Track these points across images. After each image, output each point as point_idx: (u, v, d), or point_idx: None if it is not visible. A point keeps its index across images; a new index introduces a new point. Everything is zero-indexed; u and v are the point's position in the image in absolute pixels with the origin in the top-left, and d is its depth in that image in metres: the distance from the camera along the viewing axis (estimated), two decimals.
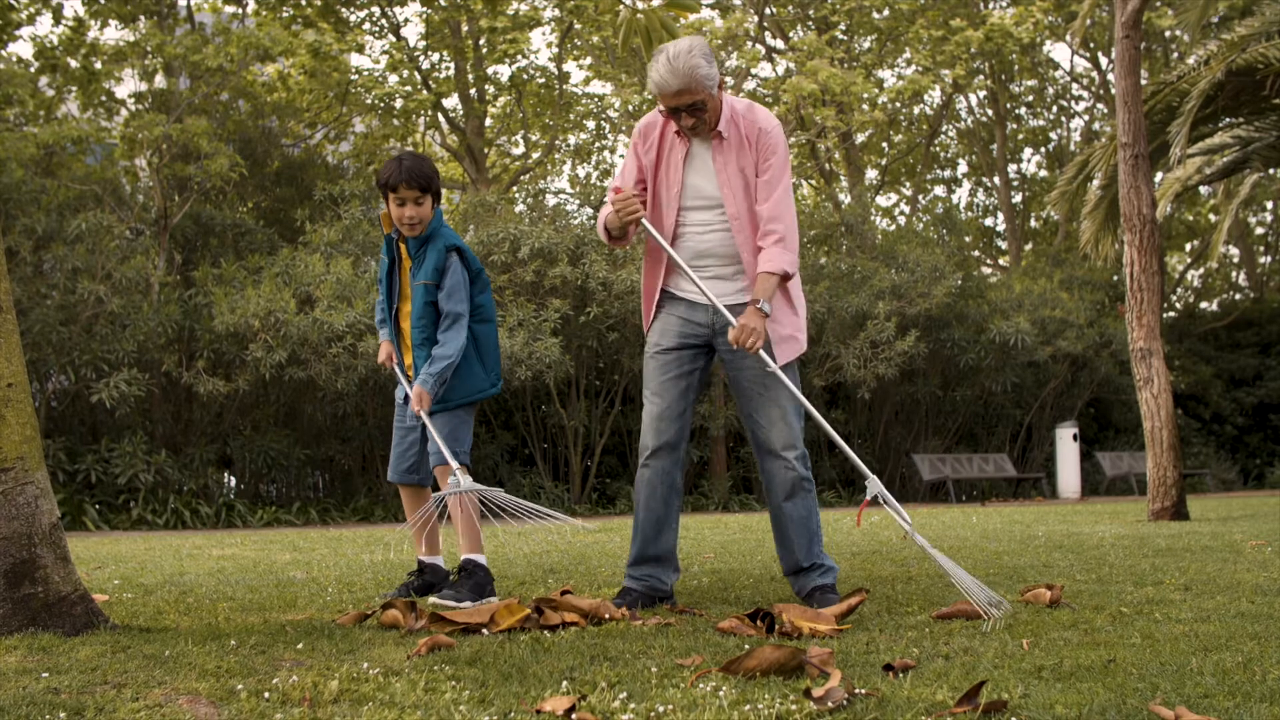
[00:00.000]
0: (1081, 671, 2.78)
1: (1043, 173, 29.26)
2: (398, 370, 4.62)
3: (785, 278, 4.02)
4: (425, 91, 19.86)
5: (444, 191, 23.85)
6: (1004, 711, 2.35)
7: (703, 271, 4.12)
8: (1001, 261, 28.84)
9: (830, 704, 2.39)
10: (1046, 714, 2.34)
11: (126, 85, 18.15)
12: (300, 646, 3.23)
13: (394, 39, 20.14)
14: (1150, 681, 2.64)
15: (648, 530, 4.19)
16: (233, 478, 15.40)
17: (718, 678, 2.70)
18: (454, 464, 4.20)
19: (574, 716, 2.35)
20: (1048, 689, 2.58)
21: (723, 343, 4.18)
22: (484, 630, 3.51)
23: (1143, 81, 11.62)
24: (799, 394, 4.11)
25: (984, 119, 27.52)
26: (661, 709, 2.38)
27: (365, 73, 19.88)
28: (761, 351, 3.99)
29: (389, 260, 4.54)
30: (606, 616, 3.71)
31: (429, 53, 20.49)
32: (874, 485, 3.98)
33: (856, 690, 2.52)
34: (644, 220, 4.10)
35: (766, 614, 3.54)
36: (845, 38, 23.13)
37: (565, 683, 2.66)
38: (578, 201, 19.57)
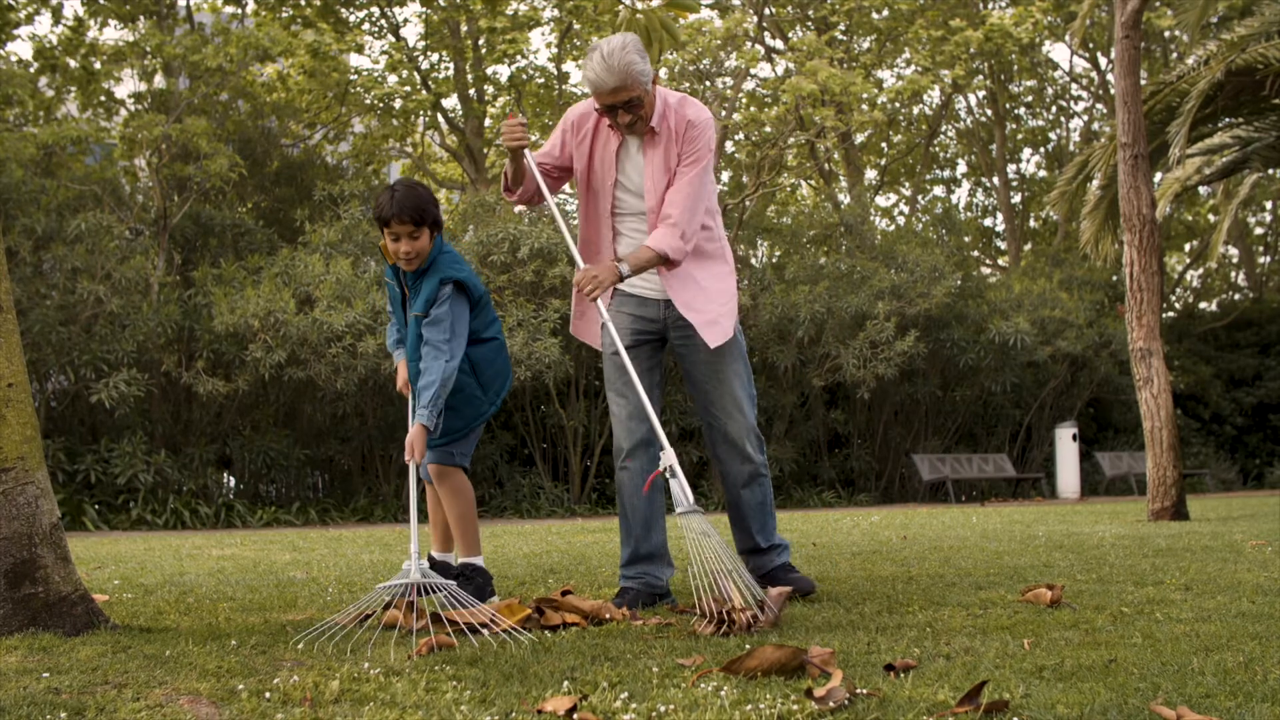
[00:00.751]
0: (1083, 671, 2.78)
1: (1042, 173, 29.26)
2: (411, 397, 4.55)
3: (666, 260, 4.02)
4: (424, 92, 19.86)
5: (443, 192, 23.84)
6: (1005, 711, 2.35)
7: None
8: (1001, 262, 28.85)
9: (832, 704, 2.39)
10: (1048, 714, 2.34)
11: (126, 85, 18.15)
12: (300, 646, 3.23)
13: (393, 39, 20.13)
14: (1152, 681, 2.64)
15: (637, 530, 4.21)
16: (232, 478, 15.40)
17: (719, 677, 2.70)
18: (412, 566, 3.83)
19: (575, 716, 2.35)
20: (1049, 689, 2.57)
21: (676, 335, 4.22)
22: (484, 631, 3.51)
23: (1142, 82, 11.62)
24: (749, 382, 4.23)
25: (983, 119, 27.53)
26: (663, 709, 2.38)
27: (364, 73, 19.88)
28: (702, 333, 4.10)
29: (398, 289, 4.36)
30: (607, 617, 3.71)
31: (428, 53, 20.49)
32: (667, 457, 3.91)
33: (858, 690, 2.52)
34: (526, 153, 4.12)
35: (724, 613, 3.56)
36: (845, 38, 23.13)
37: (566, 683, 2.66)
38: (577, 201, 19.53)
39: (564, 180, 4.34)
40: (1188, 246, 30.00)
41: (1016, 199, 28.31)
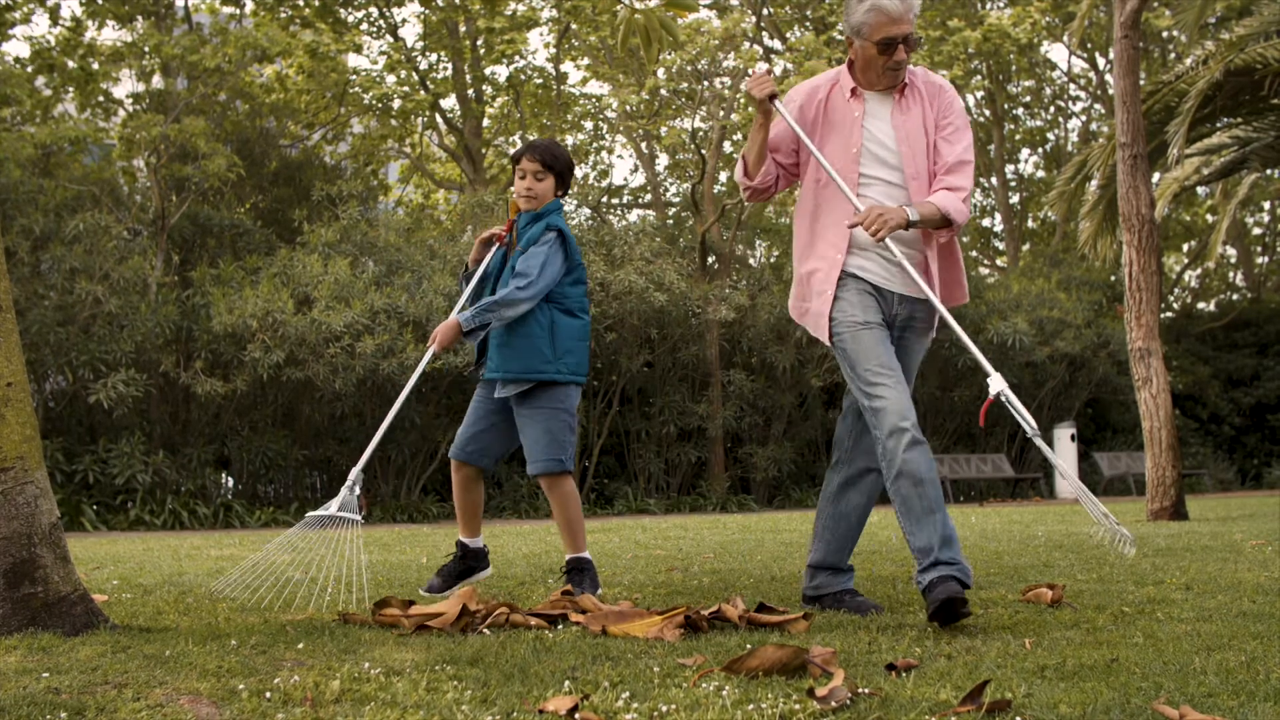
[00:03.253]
0: (1085, 671, 2.78)
1: (1040, 173, 29.27)
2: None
3: (947, 222, 3.75)
4: (423, 92, 19.85)
5: (441, 193, 23.85)
6: (1007, 711, 2.35)
7: (889, 246, 3.79)
8: (999, 262, 28.85)
9: (833, 703, 2.39)
10: (1050, 713, 2.34)
11: (124, 85, 18.14)
12: (301, 646, 3.22)
13: (392, 39, 20.12)
14: (1154, 681, 2.63)
15: (941, 505, 3.65)
16: (230, 478, 15.39)
17: (720, 677, 2.70)
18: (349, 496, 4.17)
19: (577, 716, 2.34)
20: (1051, 688, 2.57)
21: (894, 334, 3.90)
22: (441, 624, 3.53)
23: (1141, 82, 11.63)
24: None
25: (982, 119, 27.52)
26: (664, 709, 2.38)
27: (363, 73, 19.86)
28: (933, 297, 3.79)
29: (503, 254, 4.60)
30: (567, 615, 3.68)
31: (427, 53, 20.47)
32: (996, 383, 3.71)
33: (859, 690, 2.52)
34: (778, 104, 3.85)
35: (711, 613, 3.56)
36: (843, 38, 23.14)
37: (568, 682, 2.65)
38: (575, 202, 19.56)
39: (797, 175, 4.03)
40: (1186, 247, 30.01)
41: (1015, 199, 28.32)
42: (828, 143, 3.88)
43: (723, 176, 22.44)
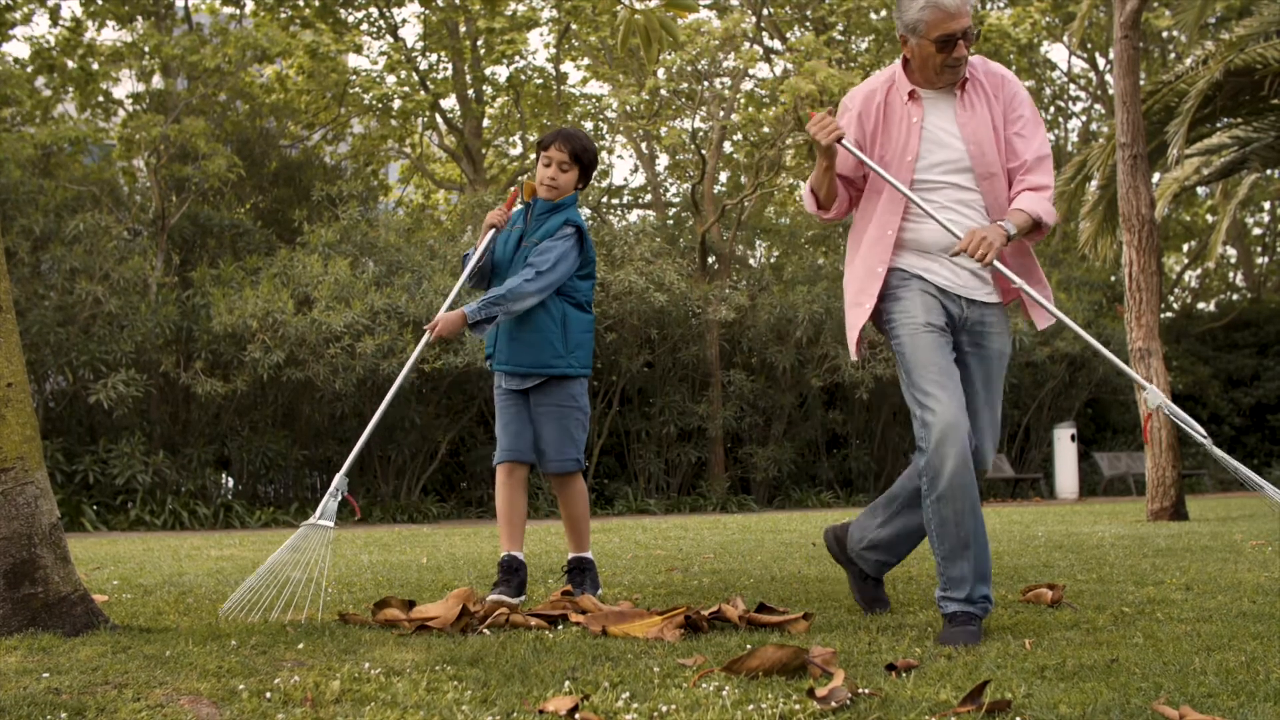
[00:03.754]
0: (1085, 671, 2.78)
1: None
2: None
3: (1037, 226, 3.57)
4: (423, 92, 19.84)
5: (442, 193, 23.84)
6: (1008, 711, 2.35)
7: (952, 259, 3.60)
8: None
9: (834, 703, 2.39)
10: (1050, 713, 2.34)
11: (124, 86, 18.13)
12: (301, 646, 3.22)
13: (392, 40, 20.11)
14: (1153, 681, 2.64)
15: (980, 538, 3.47)
16: (230, 478, 15.38)
17: (720, 677, 2.70)
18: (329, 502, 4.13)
19: (577, 716, 2.34)
20: (1051, 688, 2.57)
21: (968, 338, 3.65)
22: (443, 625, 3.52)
23: (1141, 82, 11.63)
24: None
25: None
26: (664, 709, 2.38)
27: (363, 73, 19.85)
28: (1031, 311, 3.60)
29: (516, 235, 4.52)
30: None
31: (427, 53, 20.47)
32: (1155, 396, 3.56)
33: (860, 690, 2.52)
34: (845, 141, 3.63)
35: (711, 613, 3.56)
36: (843, 38, 23.12)
37: (568, 683, 2.65)
38: (578, 209, 19.48)
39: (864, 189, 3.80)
40: (1186, 247, 29.99)
41: None
42: (886, 150, 3.68)
43: (723, 177, 22.46)
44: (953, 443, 3.38)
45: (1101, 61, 26.63)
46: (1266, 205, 28.95)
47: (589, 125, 22.40)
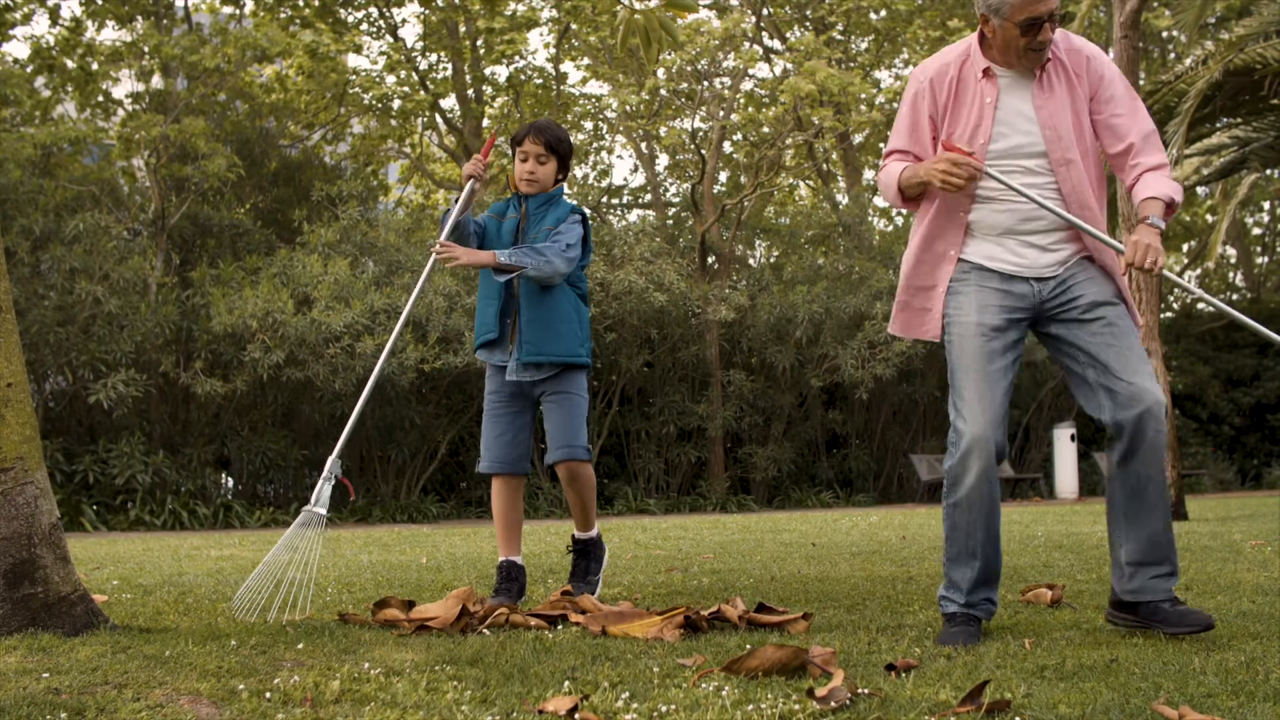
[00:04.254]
0: (1084, 671, 2.78)
1: None
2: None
3: (1171, 207, 3.37)
4: (423, 92, 19.84)
5: (442, 193, 23.84)
6: (1007, 711, 2.35)
7: (1022, 236, 3.45)
8: None
9: (833, 704, 2.39)
10: (1050, 713, 2.34)
11: (124, 86, 18.13)
12: (301, 646, 3.22)
13: (392, 40, 20.11)
14: (1153, 681, 2.64)
15: (988, 546, 3.45)
16: (230, 478, 15.38)
17: (720, 677, 2.70)
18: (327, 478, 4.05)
19: (576, 716, 2.34)
20: (1050, 688, 2.57)
21: (1055, 306, 3.44)
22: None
23: (1140, 82, 11.62)
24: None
25: None
26: (664, 709, 2.38)
27: (363, 73, 19.85)
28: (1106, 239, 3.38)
29: (497, 217, 4.47)
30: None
31: (427, 53, 20.47)
32: None
33: (859, 690, 2.52)
34: (985, 167, 3.40)
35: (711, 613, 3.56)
36: (843, 38, 23.13)
37: (567, 683, 2.65)
38: (575, 201, 19.48)
39: None
40: (1186, 247, 29.99)
41: None
42: (954, 130, 3.49)
43: (722, 176, 22.46)
44: (978, 457, 3.40)
45: None
46: (1266, 205, 28.95)
47: (589, 125, 22.41)
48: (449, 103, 21.26)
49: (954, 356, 3.50)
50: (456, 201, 4.38)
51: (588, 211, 4.42)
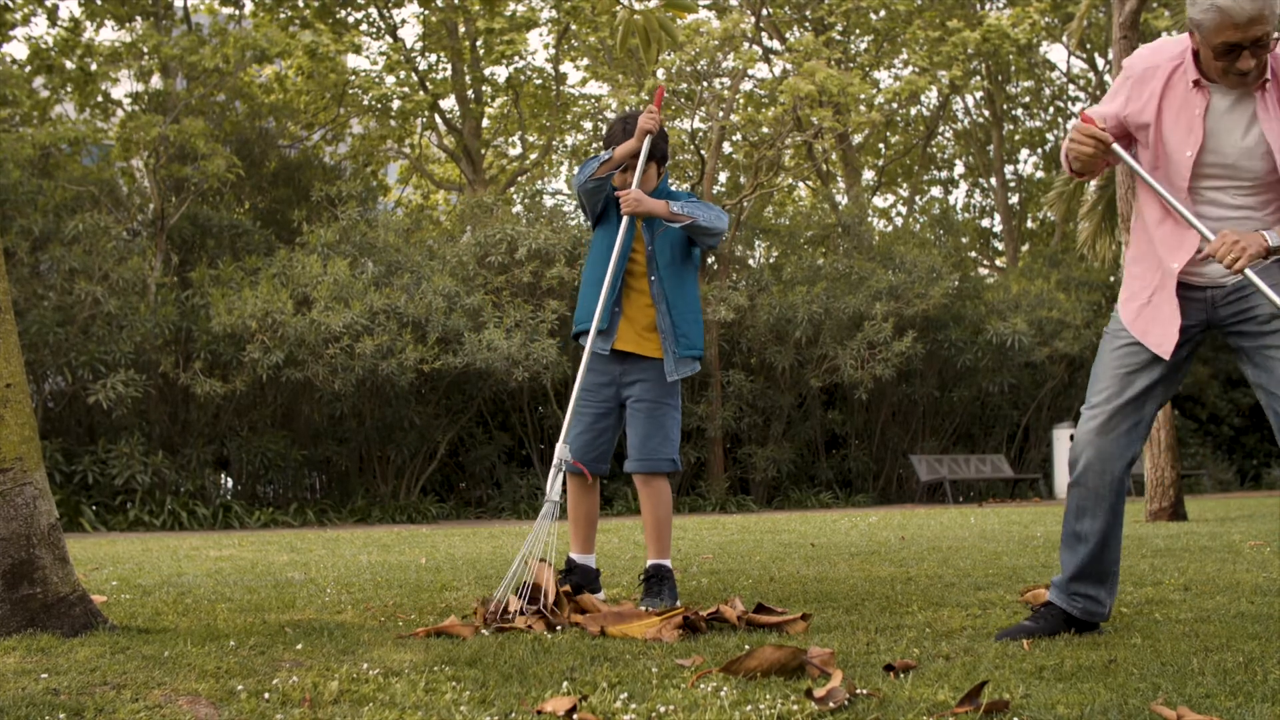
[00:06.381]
0: (1083, 672, 2.78)
1: (1040, 174, 29.26)
2: (592, 339, 4.13)
3: None
4: (422, 92, 19.85)
5: (441, 193, 23.85)
6: (1006, 712, 2.35)
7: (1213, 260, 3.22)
8: (998, 262, 28.85)
9: (832, 704, 2.39)
10: (1048, 714, 2.34)
11: (123, 86, 18.14)
12: (300, 647, 3.22)
13: (391, 40, 20.12)
14: (1151, 681, 2.64)
15: (1095, 537, 3.45)
16: (230, 479, 15.38)
17: (718, 678, 2.70)
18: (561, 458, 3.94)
19: (575, 717, 2.35)
20: (1049, 689, 2.57)
21: (1229, 325, 3.29)
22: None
23: None
24: None
25: (981, 120, 27.53)
26: (662, 709, 2.38)
27: (362, 74, 19.86)
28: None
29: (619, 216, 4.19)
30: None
31: (426, 54, 20.47)
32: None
33: (858, 690, 2.52)
34: (1116, 146, 3.30)
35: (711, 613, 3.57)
36: (842, 38, 23.14)
37: (566, 683, 2.66)
38: (575, 202, 19.52)
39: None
40: None
41: (1014, 200, 28.33)
42: (1162, 133, 3.29)
43: (722, 177, 22.46)
44: (1088, 453, 3.42)
45: (1101, 62, 26.63)
46: None
47: (589, 125, 22.42)
48: (448, 103, 21.27)
49: (1097, 359, 3.52)
50: (609, 152, 4.18)
51: None
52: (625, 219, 4.10)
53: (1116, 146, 3.31)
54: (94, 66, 16.27)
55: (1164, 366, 3.34)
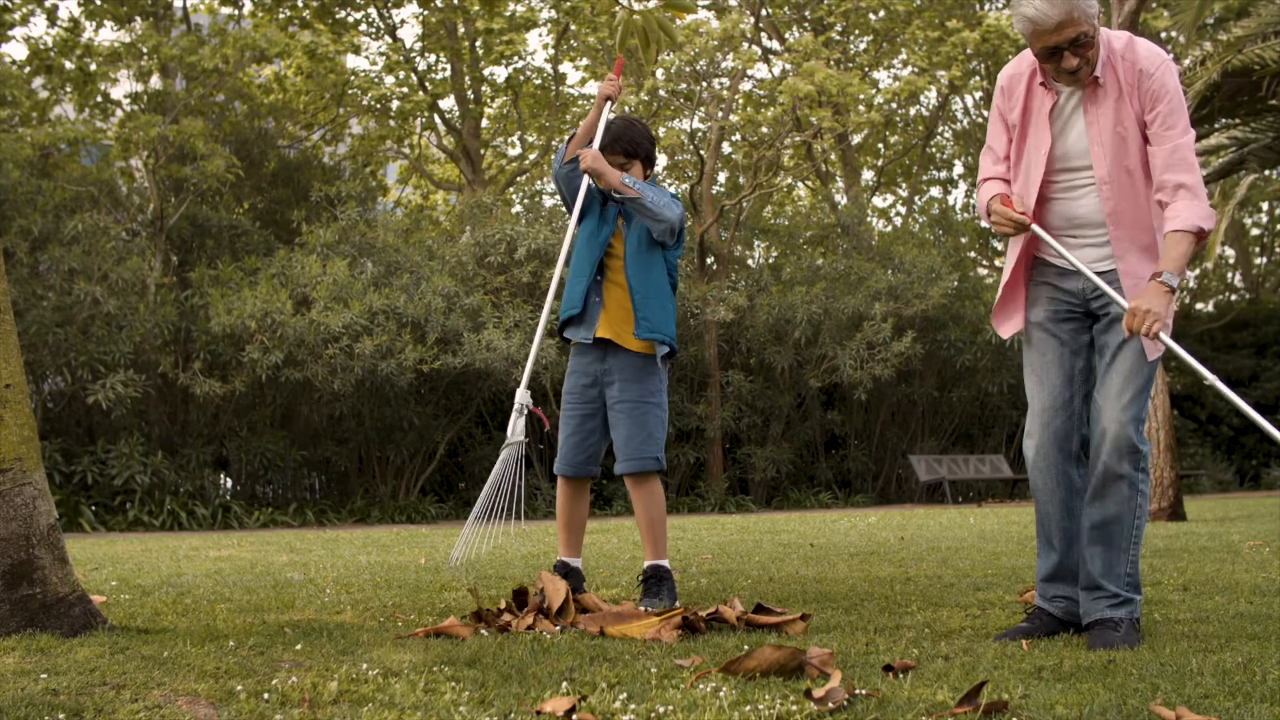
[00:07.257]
0: (1081, 672, 2.78)
1: None
2: (546, 311, 4.22)
3: (1200, 236, 3.32)
4: (422, 93, 19.85)
5: (440, 194, 23.84)
6: (1005, 712, 2.35)
7: (1072, 240, 3.48)
8: (998, 263, 28.87)
9: (831, 705, 2.39)
10: (1047, 714, 2.34)
11: (122, 86, 18.14)
12: (299, 647, 3.22)
13: (390, 40, 20.13)
14: (1150, 682, 2.64)
15: (1058, 541, 3.52)
16: (229, 479, 15.38)
17: (718, 678, 2.70)
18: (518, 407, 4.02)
19: (574, 717, 2.35)
20: (1048, 689, 2.58)
21: (1099, 307, 3.52)
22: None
23: None
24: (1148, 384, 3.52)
25: (980, 120, 27.53)
26: (662, 709, 2.38)
27: (362, 74, 19.86)
28: (1162, 335, 3.33)
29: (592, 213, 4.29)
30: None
31: (425, 54, 20.48)
32: None
33: (857, 691, 2.52)
34: (1034, 226, 3.47)
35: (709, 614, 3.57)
36: (841, 39, 23.14)
37: (565, 683, 2.66)
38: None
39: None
40: None
41: None
42: (1026, 135, 3.52)
43: (721, 177, 22.46)
44: (1032, 444, 3.55)
45: None
46: (1265, 206, 28.96)
47: None
48: (448, 103, 21.27)
49: (1025, 355, 3.69)
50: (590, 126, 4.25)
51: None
52: (600, 213, 4.22)
53: (1035, 227, 3.47)
54: (93, 67, 16.27)
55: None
